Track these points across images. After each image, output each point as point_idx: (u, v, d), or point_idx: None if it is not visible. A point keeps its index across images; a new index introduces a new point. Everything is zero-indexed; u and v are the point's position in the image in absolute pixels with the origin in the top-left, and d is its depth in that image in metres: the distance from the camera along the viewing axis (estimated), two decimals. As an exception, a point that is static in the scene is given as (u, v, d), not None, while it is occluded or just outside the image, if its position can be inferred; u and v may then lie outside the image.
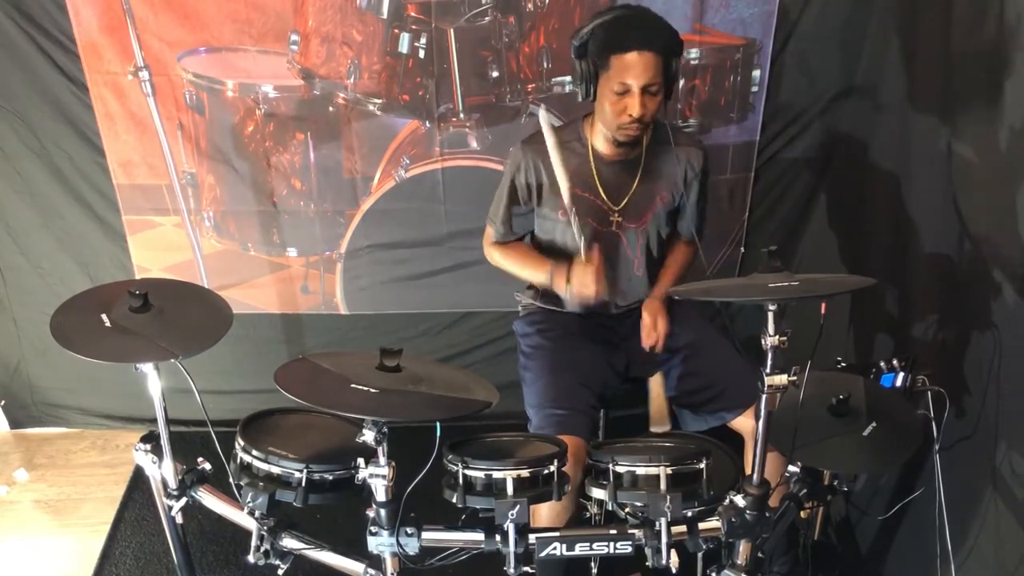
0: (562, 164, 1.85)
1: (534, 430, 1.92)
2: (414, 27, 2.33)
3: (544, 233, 2.07)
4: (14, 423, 2.93)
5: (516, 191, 2.01)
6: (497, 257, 2.13)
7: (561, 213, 1.97)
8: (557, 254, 2.04)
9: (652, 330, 2.01)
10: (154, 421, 1.75)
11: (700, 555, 1.80)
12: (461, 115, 2.45)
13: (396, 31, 2.34)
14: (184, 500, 1.81)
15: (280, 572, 1.73)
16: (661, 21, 1.80)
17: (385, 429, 1.47)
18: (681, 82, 2.38)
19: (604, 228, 2.01)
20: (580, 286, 1.90)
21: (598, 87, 1.82)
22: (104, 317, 1.67)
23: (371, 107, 2.44)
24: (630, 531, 1.59)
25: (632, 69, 1.75)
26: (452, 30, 2.33)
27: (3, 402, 2.89)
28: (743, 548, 1.65)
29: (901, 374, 1.85)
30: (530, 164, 1.97)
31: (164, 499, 1.83)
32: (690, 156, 2.00)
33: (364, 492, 1.59)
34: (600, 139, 1.95)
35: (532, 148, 1.96)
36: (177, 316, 1.73)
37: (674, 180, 2.01)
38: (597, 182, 1.96)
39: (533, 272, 2.06)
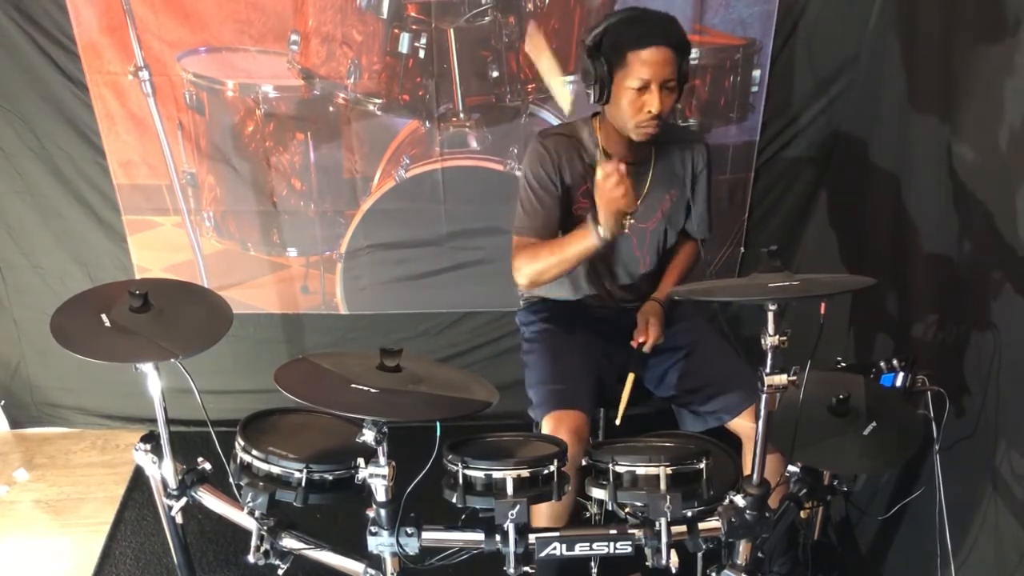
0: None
1: (534, 408, 1.91)
2: (414, 27, 2.33)
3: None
4: (14, 423, 2.93)
5: (544, 177, 1.91)
6: (528, 262, 1.91)
7: (576, 207, 1.96)
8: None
9: (643, 332, 2.02)
10: (154, 421, 1.76)
11: (700, 555, 1.80)
12: (461, 115, 2.45)
13: (396, 31, 2.34)
14: (184, 500, 1.82)
15: (280, 572, 1.73)
16: (674, 19, 1.81)
17: (385, 429, 1.47)
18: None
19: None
20: (611, 202, 1.71)
21: (613, 86, 1.81)
22: (104, 317, 1.67)
23: (371, 107, 2.44)
24: (630, 531, 1.59)
25: (651, 64, 1.75)
26: (452, 30, 2.33)
27: (3, 402, 2.89)
28: (743, 548, 1.65)
29: (901, 374, 1.85)
30: (551, 150, 1.92)
31: (164, 499, 1.83)
32: (694, 152, 2.01)
33: (364, 492, 1.59)
34: (611, 141, 1.94)
35: (548, 137, 1.94)
36: (177, 316, 1.73)
37: (682, 178, 2.02)
38: None
39: (575, 243, 1.84)
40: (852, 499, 2.28)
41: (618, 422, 1.93)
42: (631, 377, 1.97)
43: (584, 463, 1.66)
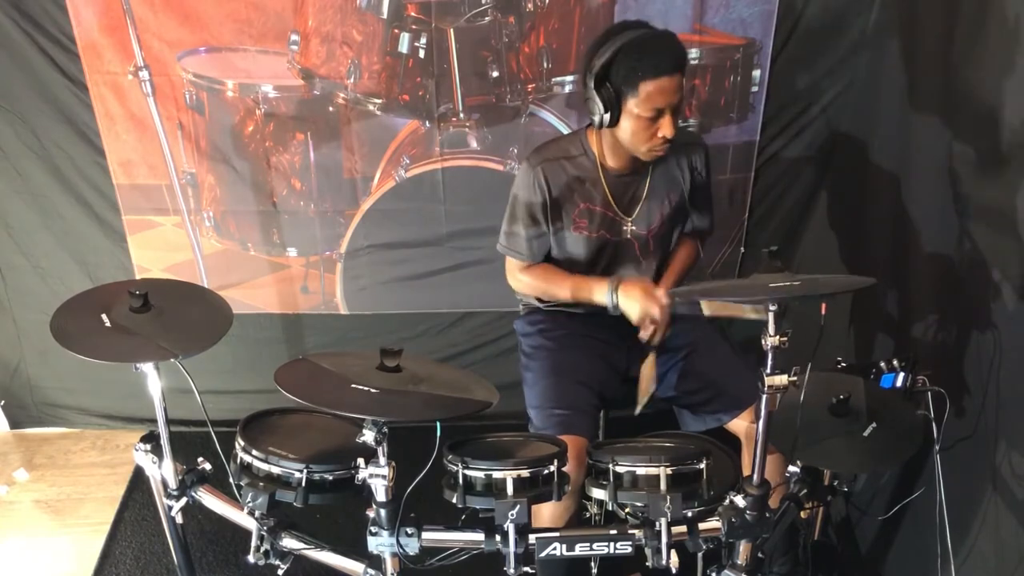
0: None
1: (535, 430, 1.92)
2: (414, 27, 2.33)
3: (556, 249, 2.04)
4: (14, 423, 2.93)
5: (533, 212, 1.95)
6: (529, 281, 2.05)
7: (574, 228, 1.97)
8: (573, 269, 2.03)
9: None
10: (154, 421, 1.76)
11: (700, 555, 1.80)
12: (461, 115, 2.45)
13: (396, 31, 2.34)
14: (184, 500, 1.82)
15: (280, 572, 1.73)
16: (676, 38, 1.79)
17: (385, 429, 1.47)
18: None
19: (617, 238, 2.01)
20: (644, 311, 1.88)
21: (622, 112, 1.79)
22: (104, 317, 1.67)
23: (371, 107, 2.44)
24: (630, 531, 1.59)
25: (667, 93, 1.74)
26: (452, 30, 2.33)
27: (3, 402, 2.89)
28: (743, 548, 1.65)
29: (901, 374, 1.85)
30: (542, 182, 1.92)
31: (164, 499, 1.83)
32: (692, 153, 2.01)
33: (364, 492, 1.59)
34: (609, 153, 1.93)
35: (540, 164, 1.93)
36: (177, 316, 1.73)
37: (680, 180, 2.02)
38: (609, 195, 1.96)
39: (588, 293, 1.96)
40: (852, 499, 2.28)
41: (638, 411, 1.94)
42: (651, 357, 1.97)
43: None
